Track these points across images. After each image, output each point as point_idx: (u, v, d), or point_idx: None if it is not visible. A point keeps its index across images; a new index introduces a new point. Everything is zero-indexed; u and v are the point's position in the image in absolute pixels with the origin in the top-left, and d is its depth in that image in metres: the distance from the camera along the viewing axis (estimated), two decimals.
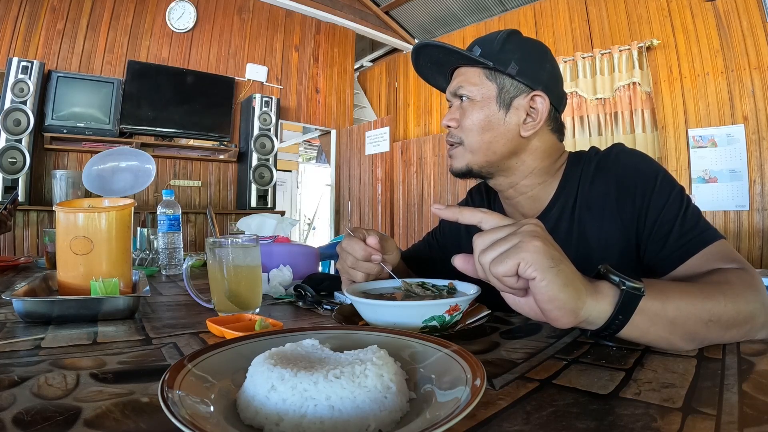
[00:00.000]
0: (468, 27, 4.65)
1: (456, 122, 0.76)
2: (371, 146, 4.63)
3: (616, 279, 0.44)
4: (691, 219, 0.64)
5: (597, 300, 0.44)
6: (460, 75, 0.76)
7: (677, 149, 3.24)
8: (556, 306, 0.41)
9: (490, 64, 0.72)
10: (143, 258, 1.39)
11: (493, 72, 0.73)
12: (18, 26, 3.19)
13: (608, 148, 0.75)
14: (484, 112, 0.73)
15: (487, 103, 0.73)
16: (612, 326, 0.44)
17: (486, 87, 0.73)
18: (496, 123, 0.73)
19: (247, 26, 4.27)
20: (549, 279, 0.40)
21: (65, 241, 0.72)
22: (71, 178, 3.13)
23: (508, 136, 0.74)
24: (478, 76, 0.74)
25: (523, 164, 0.76)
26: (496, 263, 0.42)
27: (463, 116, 0.75)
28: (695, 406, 0.34)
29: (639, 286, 0.43)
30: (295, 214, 7.78)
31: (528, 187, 0.77)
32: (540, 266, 0.40)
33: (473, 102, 0.74)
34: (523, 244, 0.41)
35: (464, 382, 0.31)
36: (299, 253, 1.10)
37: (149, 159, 1.63)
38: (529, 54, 0.74)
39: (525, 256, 0.41)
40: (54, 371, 0.42)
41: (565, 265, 0.42)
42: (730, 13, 3.01)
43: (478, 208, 0.49)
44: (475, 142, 0.74)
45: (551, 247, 0.42)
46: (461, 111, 0.75)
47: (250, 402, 0.30)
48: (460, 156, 0.76)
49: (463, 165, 0.76)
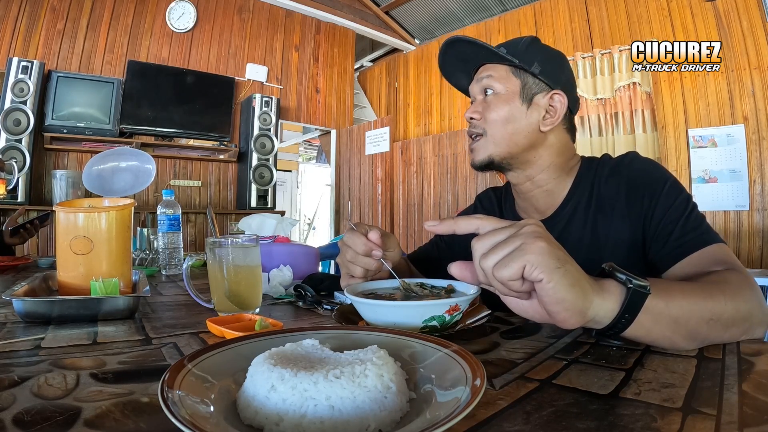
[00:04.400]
0: (468, 27, 4.65)
1: (479, 115, 0.79)
2: (371, 146, 4.63)
3: (622, 277, 0.44)
4: (694, 222, 0.66)
5: (603, 298, 0.43)
6: (487, 71, 0.79)
7: (677, 149, 3.24)
8: (564, 307, 0.41)
9: (516, 61, 0.76)
10: (143, 258, 1.39)
11: (518, 69, 0.77)
12: (18, 26, 3.19)
13: (623, 154, 0.79)
14: (508, 106, 0.77)
15: (511, 98, 0.77)
16: (618, 325, 0.44)
17: (511, 82, 0.77)
18: (518, 116, 0.77)
19: (247, 26, 4.27)
20: (556, 280, 0.40)
21: (65, 241, 0.72)
22: (71, 178, 3.13)
23: (529, 129, 0.77)
24: (505, 71, 0.78)
25: (540, 158, 0.79)
26: (500, 267, 0.41)
27: (488, 109, 0.78)
28: (695, 406, 0.33)
29: (645, 284, 0.43)
30: (295, 214, 7.77)
31: (544, 181, 0.80)
32: (546, 267, 0.40)
33: (498, 96, 0.78)
34: (527, 246, 0.40)
35: (464, 382, 0.31)
36: (299, 253, 1.10)
37: (149, 159, 1.63)
38: (551, 57, 0.80)
39: (530, 257, 0.40)
40: (54, 371, 0.42)
41: (570, 265, 0.42)
42: (730, 13, 3.01)
43: (473, 215, 0.48)
44: (498, 133, 0.77)
45: (556, 248, 0.42)
46: (485, 105, 0.79)
47: (250, 402, 0.30)
48: (482, 148, 0.79)
49: (485, 156, 0.79)
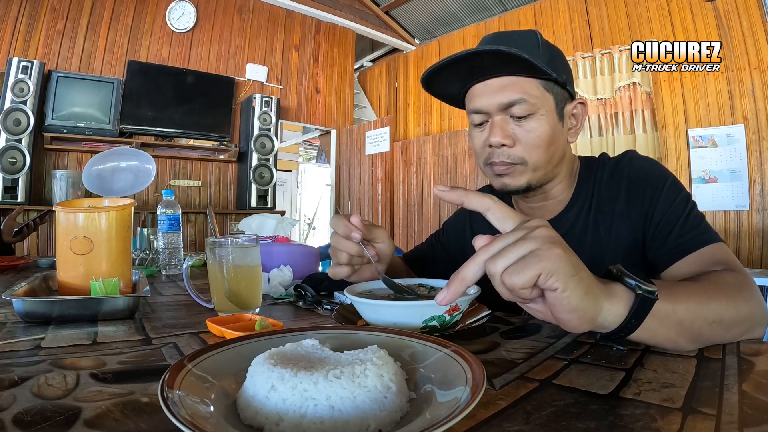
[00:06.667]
0: (468, 27, 4.65)
1: (512, 141, 0.68)
2: (371, 146, 4.63)
3: (631, 282, 0.42)
4: (693, 221, 0.66)
5: (612, 303, 0.42)
6: (513, 86, 0.67)
7: (677, 149, 3.24)
8: (578, 316, 0.39)
9: (553, 75, 0.65)
10: (143, 258, 1.39)
11: (548, 81, 0.68)
12: (18, 26, 3.19)
13: (622, 154, 0.77)
14: (549, 127, 0.68)
15: (550, 116, 0.68)
16: (625, 329, 0.43)
17: (547, 99, 0.68)
18: (558, 135, 0.70)
19: (247, 26, 4.27)
20: (571, 288, 0.38)
21: (65, 241, 0.72)
22: (71, 178, 3.13)
23: (563, 145, 0.72)
24: (537, 87, 0.67)
25: (561, 170, 0.75)
26: (512, 273, 0.37)
27: (527, 135, 0.68)
28: (695, 406, 0.33)
29: (653, 290, 0.42)
30: (295, 214, 7.77)
31: (558, 192, 0.77)
32: (563, 276, 0.37)
33: (538, 118, 0.67)
34: (543, 252, 0.37)
35: (464, 382, 0.31)
36: (299, 253, 1.10)
37: (149, 159, 1.63)
38: (563, 60, 0.73)
39: (546, 265, 0.37)
40: (54, 371, 0.42)
41: (584, 272, 0.40)
42: (730, 13, 3.01)
43: (486, 193, 0.45)
44: (541, 158, 0.69)
45: (571, 254, 0.39)
46: (519, 129, 0.68)
47: (250, 402, 0.30)
48: (519, 174, 0.70)
49: (523, 183, 0.71)
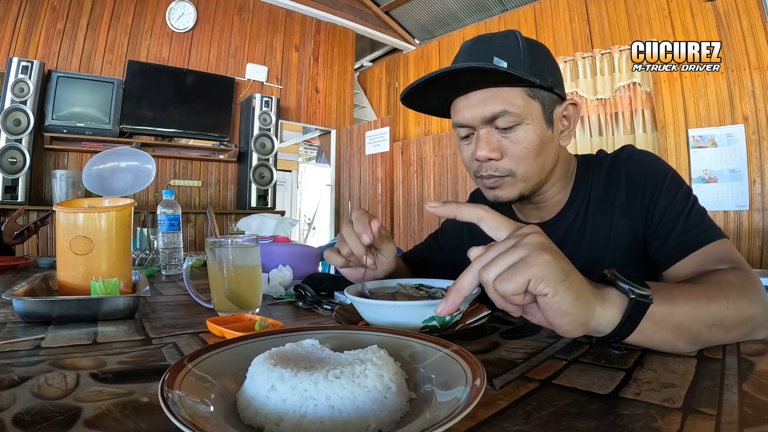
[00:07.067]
0: (468, 27, 4.65)
1: (499, 153, 0.66)
2: (371, 146, 4.63)
3: (624, 287, 0.42)
4: (695, 218, 0.65)
5: (605, 308, 0.42)
6: (495, 98, 0.64)
7: (677, 149, 3.23)
8: (568, 320, 0.39)
9: (537, 81, 0.62)
10: (143, 258, 1.39)
11: (533, 88, 0.65)
12: (18, 26, 3.19)
13: (619, 149, 0.75)
14: (537, 135, 0.65)
15: (537, 125, 0.66)
16: (619, 334, 0.43)
17: (532, 106, 0.65)
18: (547, 142, 0.68)
19: (247, 26, 4.27)
20: (561, 293, 0.38)
21: (65, 241, 0.72)
22: (71, 178, 3.13)
23: (554, 150, 0.70)
24: (520, 96, 0.64)
25: (555, 174, 0.73)
26: (503, 280, 0.38)
27: (513, 147, 0.66)
28: (695, 406, 0.33)
29: (647, 294, 0.42)
30: (295, 214, 7.77)
31: (553, 194, 0.76)
32: (552, 281, 0.37)
33: (524, 128, 0.65)
34: (532, 259, 0.38)
35: (464, 382, 0.31)
36: (299, 253, 1.10)
37: (149, 159, 1.63)
38: (550, 60, 0.69)
39: (535, 271, 0.37)
40: (54, 371, 0.42)
41: (574, 276, 0.40)
42: (730, 13, 3.01)
43: (478, 204, 0.46)
44: (530, 169, 0.67)
45: (561, 259, 0.40)
46: (505, 141, 0.66)
47: (250, 402, 0.30)
48: (510, 186, 0.69)
49: (515, 194, 0.69)
